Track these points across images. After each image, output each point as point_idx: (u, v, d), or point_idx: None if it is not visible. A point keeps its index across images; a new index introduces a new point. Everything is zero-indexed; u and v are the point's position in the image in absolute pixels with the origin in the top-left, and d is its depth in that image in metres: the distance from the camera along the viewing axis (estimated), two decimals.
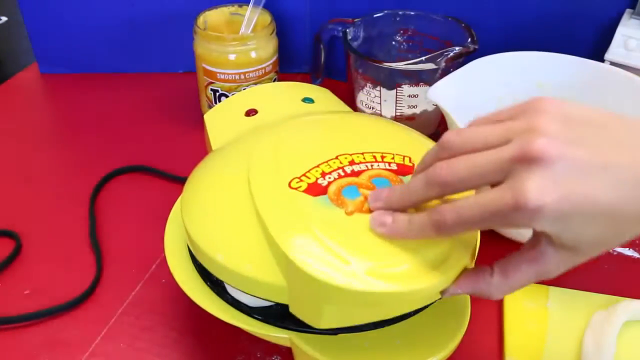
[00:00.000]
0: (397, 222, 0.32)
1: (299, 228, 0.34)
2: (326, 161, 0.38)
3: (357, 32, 0.64)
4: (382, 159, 0.39)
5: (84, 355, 0.45)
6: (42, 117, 0.72)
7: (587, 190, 0.25)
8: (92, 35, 0.75)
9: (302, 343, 0.36)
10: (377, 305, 0.33)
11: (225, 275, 0.36)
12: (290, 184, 0.36)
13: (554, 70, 0.56)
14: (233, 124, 0.48)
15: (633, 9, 0.60)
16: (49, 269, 0.51)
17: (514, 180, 0.26)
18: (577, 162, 0.25)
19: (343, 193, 0.36)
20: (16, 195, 0.59)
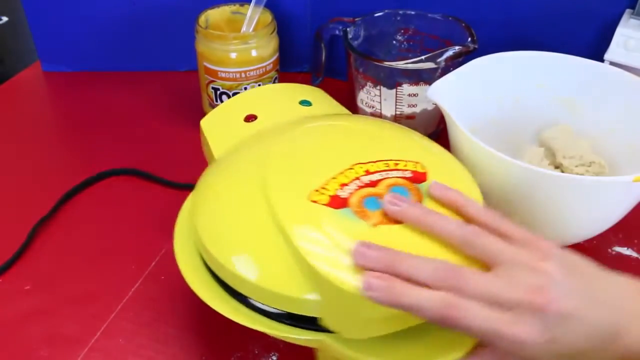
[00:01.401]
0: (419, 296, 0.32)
1: (329, 245, 0.34)
2: (342, 172, 0.38)
3: (358, 31, 0.64)
4: (396, 166, 0.39)
5: (83, 351, 0.45)
6: (44, 115, 0.72)
7: (568, 338, 0.31)
8: (94, 34, 0.75)
9: (335, 343, 0.35)
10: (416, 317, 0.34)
11: (252, 292, 0.36)
12: (311, 197, 0.36)
13: (554, 70, 0.57)
14: (233, 130, 0.47)
15: (633, 9, 0.60)
16: (49, 267, 0.52)
17: (520, 317, 0.31)
18: (568, 312, 0.31)
19: (365, 204, 0.36)
20: (17, 194, 0.60)
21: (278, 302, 0.35)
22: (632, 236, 0.55)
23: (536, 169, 0.43)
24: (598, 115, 0.55)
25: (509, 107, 0.58)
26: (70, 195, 0.58)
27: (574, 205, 0.45)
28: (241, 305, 0.38)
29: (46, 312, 0.48)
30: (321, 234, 0.34)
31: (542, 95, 0.58)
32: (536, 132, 0.58)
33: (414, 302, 0.31)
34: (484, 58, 0.56)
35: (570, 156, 0.54)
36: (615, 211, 0.47)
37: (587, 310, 0.32)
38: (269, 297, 0.35)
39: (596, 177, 0.43)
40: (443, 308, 0.31)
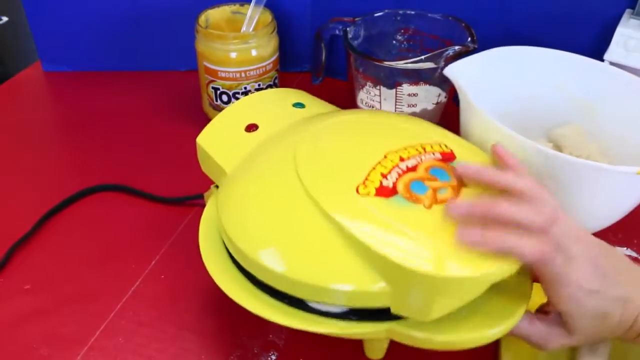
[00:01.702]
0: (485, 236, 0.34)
1: (392, 233, 0.34)
2: (378, 162, 0.39)
3: (358, 31, 0.64)
4: (425, 150, 0.40)
5: (82, 350, 0.45)
6: (44, 115, 0.72)
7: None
8: (94, 34, 0.75)
9: (404, 328, 0.36)
10: (486, 286, 0.35)
11: (316, 295, 0.36)
12: (358, 190, 0.37)
13: (573, 71, 0.56)
14: (236, 142, 0.46)
15: (633, 9, 0.60)
16: (48, 267, 0.52)
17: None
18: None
19: (412, 189, 0.37)
20: (18, 193, 0.60)
21: (345, 300, 0.35)
22: (632, 236, 0.55)
23: (546, 149, 0.43)
24: (610, 120, 0.55)
25: (523, 101, 0.58)
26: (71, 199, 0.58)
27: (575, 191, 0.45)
28: (298, 310, 0.37)
29: (46, 312, 0.48)
30: (381, 223, 0.35)
31: (558, 95, 0.57)
32: (546, 130, 0.58)
33: (512, 244, 0.33)
34: (507, 48, 0.55)
35: (578, 155, 0.53)
36: (618, 204, 0.47)
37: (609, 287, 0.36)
38: (335, 297, 0.35)
39: (600, 164, 0.43)
40: (540, 251, 0.33)
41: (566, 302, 0.35)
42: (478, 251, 0.34)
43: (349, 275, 0.35)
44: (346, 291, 0.35)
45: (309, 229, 0.36)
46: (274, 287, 0.37)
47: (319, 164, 0.40)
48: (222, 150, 0.46)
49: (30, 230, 0.54)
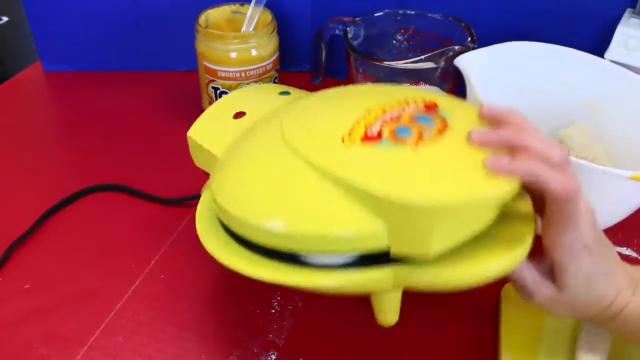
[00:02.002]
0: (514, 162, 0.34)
1: (381, 171, 0.34)
2: (362, 116, 0.39)
3: (358, 31, 0.64)
4: (408, 103, 0.40)
5: (82, 349, 0.45)
6: (45, 115, 0.72)
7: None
8: (94, 33, 0.75)
9: (408, 269, 0.35)
10: (485, 212, 0.35)
11: (315, 246, 0.35)
12: (344, 140, 0.37)
13: (582, 69, 0.56)
14: (225, 128, 0.47)
15: (633, 8, 0.60)
16: (48, 266, 0.52)
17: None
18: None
19: (397, 133, 0.37)
20: (18, 192, 0.60)
21: (345, 245, 0.35)
22: (631, 236, 0.55)
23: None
24: (616, 121, 0.55)
25: (531, 97, 0.58)
26: (70, 199, 0.58)
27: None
28: (301, 268, 0.36)
29: (45, 311, 0.48)
30: (369, 164, 0.35)
31: (566, 92, 0.57)
32: (553, 128, 0.58)
33: (541, 172, 0.33)
34: (517, 43, 0.55)
35: (583, 157, 0.53)
36: (614, 209, 0.47)
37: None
38: (335, 244, 0.35)
39: (593, 164, 0.43)
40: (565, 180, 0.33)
41: (564, 249, 0.35)
42: (470, 179, 0.33)
43: (345, 220, 0.35)
44: (345, 236, 0.34)
45: (300, 183, 0.36)
46: (274, 247, 0.37)
47: (303, 125, 0.40)
48: (212, 139, 0.47)
49: (28, 230, 0.54)
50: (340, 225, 0.35)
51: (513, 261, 0.35)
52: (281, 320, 0.47)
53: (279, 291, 0.50)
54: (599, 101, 0.56)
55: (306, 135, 0.39)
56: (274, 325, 0.47)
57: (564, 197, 0.33)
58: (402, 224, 0.34)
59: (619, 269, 0.38)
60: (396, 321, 0.39)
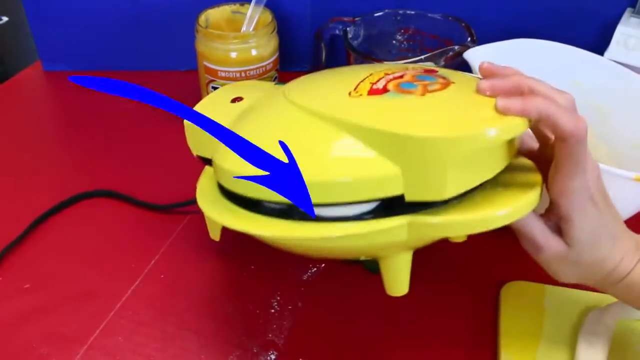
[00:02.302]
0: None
1: (392, 114, 0.34)
2: (366, 77, 0.39)
3: (358, 31, 0.64)
4: (408, 69, 0.40)
5: (82, 349, 0.45)
6: (45, 115, 0.72)
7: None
8: (94, 34, 0.75)
9: (422, 217, 0.35)
10: (496, 150, 0.35)
11: (327, 196, 0.35)
12: (350, 94, 0.37)
13: (592, 71, 0.56)
14: (224, 111, 0.46)
15: (633, 7, 0.60)
16: (48, 266, 0.52)
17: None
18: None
19: (402, 87, 0.37)
20: (18, 192, 0.60)
21: (358, 191, 0.34)
22: None
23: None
24: (623, 125, 0.55)
25: None
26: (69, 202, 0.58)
27: None
28: (315, 223, 0.36)
29: (45, 311, 0.48)
30: (379, 109, 0.35)
31: (577, 94, 0.57)
32: None
33: (553, 110, 0.33)
34: (529, 40, 0.55)
35: None
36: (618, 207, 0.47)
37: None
38: (351, 191, 0.34)
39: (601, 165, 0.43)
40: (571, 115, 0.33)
41: (571, 197, 0.35)
42: (480, 116, 0.33)
43: (358, 166, 0.34)
44: (359, 181, 0.34)
45: (309, 135, 0.36)
46: (287, 204, 0.36)
47: (307, 89, 0.40)
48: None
49: (23, 232, 0.54)
50: (354, 171, 0.34)
51: (525, 205, 0.35)
52: (281, 320, 0.47)
53: (278, 291, 0.50)
54: (607, 104, 0.56)
55: (311, 93, 0.39)
56: (274, 325, 0.47)
57: (574, 135, 0.33)
58: (416, 164, 0.33)
59: (625, 233, 0.38)
60: (406, 291, 0.38)
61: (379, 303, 0.48)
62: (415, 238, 0.36)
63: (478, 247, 0.51)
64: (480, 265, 0.52)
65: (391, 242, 0.36)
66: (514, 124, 0.33)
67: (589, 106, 0.57)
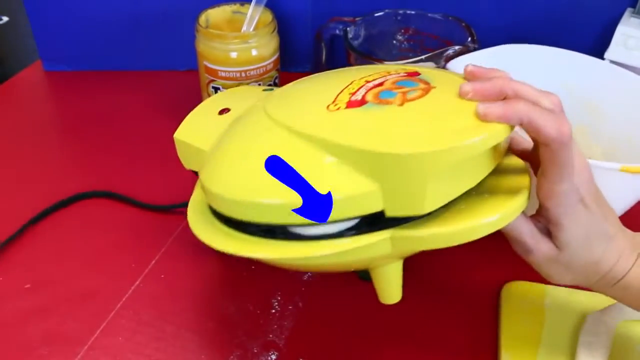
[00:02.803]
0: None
1: (369, 129, 0.34)
2: (345, 87, 0.39)
3: (358, 31, 0.64)
4: (390, 73, 0.40)
5: (82, 349, 0.45)
6: (45, 115, 0.72)
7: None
8: (95, 33, 0.75)
9: (404, 230, 0.35)
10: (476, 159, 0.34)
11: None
12: (328, 108, 0.36)
13: (578, 70, 0.56)
14: (211, 125, 0.46)
15: (634, 8, 0.60)
16: (49, 266, 0.52)
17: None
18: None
19: (381, 96, 0.36)
20: (18, 192, 0.60)
21: (339, 210, 0.34)
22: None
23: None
24: (616, 122, 0.55)
25: None
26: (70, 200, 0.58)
27: None
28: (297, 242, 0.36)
29: (46, 311, 0.48)
30: (356, 125, 0.34)
31: (564, 95, 0.57)
32: None
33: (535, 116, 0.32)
34: (512, 46, 0.55)
35: None
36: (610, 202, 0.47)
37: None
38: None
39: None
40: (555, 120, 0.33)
41: (559, 200, 0.34)
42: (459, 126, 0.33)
43: (337, 184, 0.34)
44: (338, 200, 0.34)
45: (288, 153, 0.36)
46: (269, 223, 0.36)
47: (286, 102, 0.40)
48: (199, 136, 0.47)
49: (20, 228, 0.54)
50: (333, 190, 0.34)
51: (512, 211, 0.34)
52: (281, 320, 0.47)
53: (279, 291, 0.50)
54: (598, 102, 0.56)
55: (289, 108, 0.39)
56: (274, 325, 0.47)
57: (557, 140, 0.32)
58: (393, 180, 0.33)
59: (620, 232, 0.37)
60: (400, 298, 0.38)
61: (380, 303, 0.48)
62: (400, 250, 0.36)
63: (478, 247, 0.51)
64: (480, 265, 0.52)
65: (376, 256, 0.36)
66: (494, 132, 0.32)
67: (580, 106, 0.57)
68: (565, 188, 0.34)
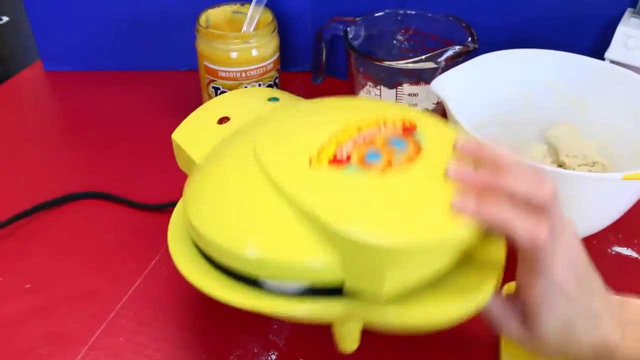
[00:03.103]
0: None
1: (341, 202, 0.34)
2: (335, 133, 0.38)
3: (358, 31, 0.64)
4: (385, 124, 0.39)
5: (82, 349, 0.45)
6: (45, 115, 0.72)
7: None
8: (95, 33, 0.75)
9: (360, 308, 0.35)
10: (442, 255, 0.34)
11: (271, 272, 0.35)
12: (311, 162, 0.36)
13: (564, 69, 0.56)
14: (208, 134, 0.46)
15: (634, 8, 0.60)
16: (49, 266, 0.52)
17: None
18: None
19: (366, 158, 0.36)
20: (18, 192, 0.60)
21: (298, 275, 0.34)
22: (632, 236, 0.55)
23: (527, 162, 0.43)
24: (605, 116, 0.55)
25: (517, 104, 0.58)
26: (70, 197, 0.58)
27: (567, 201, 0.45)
28: (255, 291, 0.36)
29: (46, 311, 0.48)
30: (331, 193, 0.34)
31: (551, 94, 0.57)
32: (543, 131, 0.58)
33: (508, 219, 0.32)
34: (491, 54, 0.56)
35: (574, 155, 0.54)
36: (610, 209, 0.47)
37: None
38: (288, 271, 0.34)
39: (586, 173, 0.43)
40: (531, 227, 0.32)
41: (537, 292, 0.34)
42: (429, 219, 0.32)
43: (299, 249, 0.34)
44: (297, 265, 0.34)
45: (261, 204, 0.36)
46: (233, 268, 0.36)
47: (275, 139, 0.39)
48: (194, 144, 0.47)
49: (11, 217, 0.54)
50: (294, 254, 0.34)
51: (466, 311, 0.34)
52: (281, 320, 0.47)
53: None
54: (584, 98, 0.56)
55: (275, 151, 0.38)
56: (274, 325, 0.47)
57: (528, 246, 0.32)
58: (355, 259, 0.33)
59: (605, 311, 0.35)
60: (355, 349, 0.39)
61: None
62: (356, 319, 0.36)
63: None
64: None
65: (332, 320, 0.37)
66: (464, 235, 0.32)
67: (568, 103, 0.57)
68: (543, 283, 0.33)
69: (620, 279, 0.51)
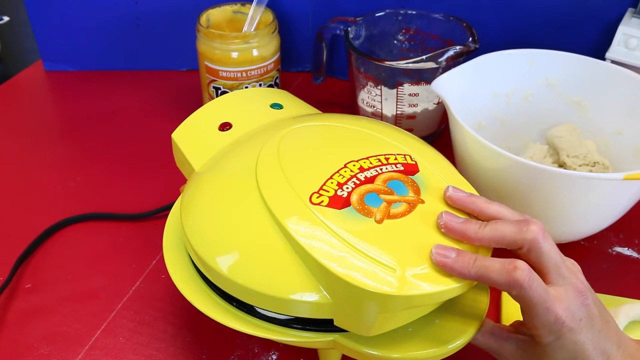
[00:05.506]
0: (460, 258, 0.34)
1: (337, 245, 0.34)
2: (337, 171, 0.39)
3: (359, 31, 0.64)
4: (387, 161, 0.40)
5: (83, 349, 0.45)
6: (46, 114, 0.73)
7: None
8: (96, 33, 0.75)
9: (347, 341, 0.36)
10: (432, 305, 0.36)
11: (262, 302, 0.36)
12: (311, 199, 0.37)
13: (564, 69, 0.56)
14: (208, 140, 0.46)
15: (635, 8, 0.60)
16: (49, 266, 0.52)
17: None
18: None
19: (366, 201, 0.37)
20: (18, 192, 0.60)
21: (288, 309, 0.35)
22: (632, 236, 0.55)
23: (528, 162, 0.43)
24: (606, 116, 0.55)
25: (518, 104, 0.58)
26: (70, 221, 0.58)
27: (569, 201, 0.45)
28: (244, 313, 0.37)
29: (46, 311, 0.48)
30: (329, 235, 0.35)
31: (552, 94, 0.57)
32: (544, 131, 0.58)
33: (483, 271, 0.33)
34: (491, 54, 0.55)
35: (574, 155, 0.54)
36: (610, 209, 0.47)
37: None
38: (280, 305, 0.35)
39: (587, 173, 0.43)
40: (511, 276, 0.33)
41: (540, 332, 0.34)
42: (419, 272, 0.33)
43: (292, 284, 0.34)
44: (288, 300, 0.34)
45: (258, 234, 0.36)
46: (223, 289, 0.37)
47: (277, 170, 0.39)
48: (193, 148, 0.46)
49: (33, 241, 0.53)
50: (286, 291, 0.34)
51: (444, 355, 0.36)
52: None
53: None
54: (587, 99, 0.56)
55: (277, 183, 0.38)
56: None
57: (511, 288, 0.33)
58: (344, 301, 0.34)
59: (616, 345, 0.35)
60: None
61: None
62: (342, 351, 0.37)
63: None
64: None
65: (319, 347, 0.38)
66: (448, 288, 0.33)
67: (568, 103, 0.57)
68: (542, 322, 0.33)
69: (621, 279, 0.51)
